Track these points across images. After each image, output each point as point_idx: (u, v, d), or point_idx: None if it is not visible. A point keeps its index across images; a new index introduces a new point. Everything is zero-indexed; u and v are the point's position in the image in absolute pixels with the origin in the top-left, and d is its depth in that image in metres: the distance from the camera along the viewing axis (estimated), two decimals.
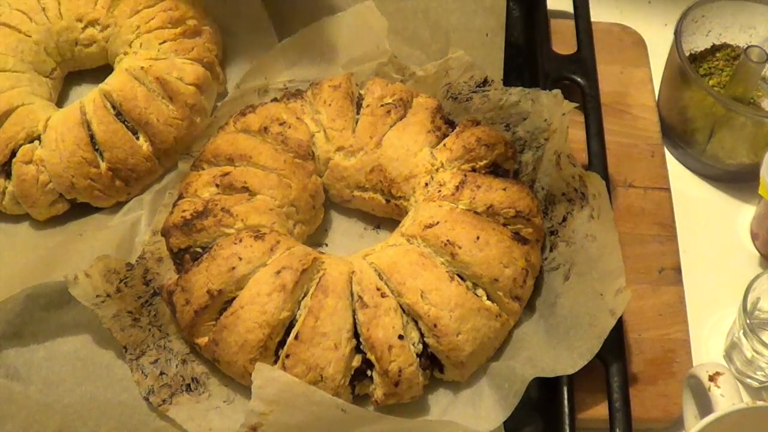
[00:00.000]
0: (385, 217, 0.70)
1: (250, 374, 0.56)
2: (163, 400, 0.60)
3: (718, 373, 0.53)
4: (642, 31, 0.83)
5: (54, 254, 0.69)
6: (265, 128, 0.68)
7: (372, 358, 0.58)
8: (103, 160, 0.70)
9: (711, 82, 0.74)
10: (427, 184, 0.66)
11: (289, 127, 0.68)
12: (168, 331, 0.63)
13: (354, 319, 0.59)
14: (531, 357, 0.60)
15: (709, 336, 0.66)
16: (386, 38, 0.74)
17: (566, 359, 0.57)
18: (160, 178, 0.73)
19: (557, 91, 0.67)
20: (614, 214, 0.60)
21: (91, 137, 0.70)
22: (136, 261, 0.66)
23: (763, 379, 0.63)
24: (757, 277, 0.61)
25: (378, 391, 0.59)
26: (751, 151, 0.70)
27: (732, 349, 0.64)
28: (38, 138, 0.71)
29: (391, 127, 0.68)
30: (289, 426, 0.55)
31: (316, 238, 0.70)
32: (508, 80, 0.74)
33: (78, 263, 0.64)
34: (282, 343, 0.59)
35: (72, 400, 0.61)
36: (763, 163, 0.64)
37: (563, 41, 0.77)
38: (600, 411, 0.59)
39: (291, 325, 0.59)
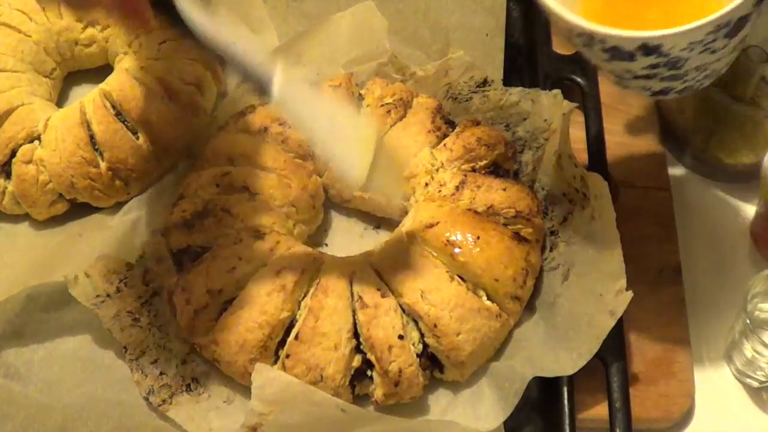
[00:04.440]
0: (385, 217, 0.70)
1: (250, 374, 0.56)
2: (163, 400, 0.60)
3: None
4: None
5: (54, 254, 0.69)
6: (265, 128, 0.68)
7: (372, 358, 0.58)
8: (103, 160, 0.70)
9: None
10: (427, 184, 0.66)
11: (289, 127, 0.68)
12: (168, 331, 0.63)
13: (354, 319, 0.59)
14: (531, 357, 0.60)
15: (709, 336, 0.66)
16: (386, 38, 0.74)
17: (566, 359, 0.57)
18: (160, 178, 0.73)
19: (557, 91, 0.67)
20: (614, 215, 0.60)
21: (91, 137, 0.70)
22: (136, 261, 0.66)
23: (763, 379, 0.63)
24: (757, 277, 0.61)
25: (378, 391, 0.59)
26: (751, 151, 0.70)
27: (732, 349, 0.64)
28: (38, 138, 0.71)
29: (391, 127, 0.68)
30: (289, 426, 0.55)
31: (316, 238, 0.70)
32: (508, 80, 0.74)
33: (78, 263, 0.64)
34: (282, 343, 0.59)
35: (72, 400, 0.61)
36: (763, 163, 0.64)
37: (563, 41, 0.77)
38: (600, 411, 0.59)
39: (291, 325, 0.60)
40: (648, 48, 0.50)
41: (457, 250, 0.60)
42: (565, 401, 0.58)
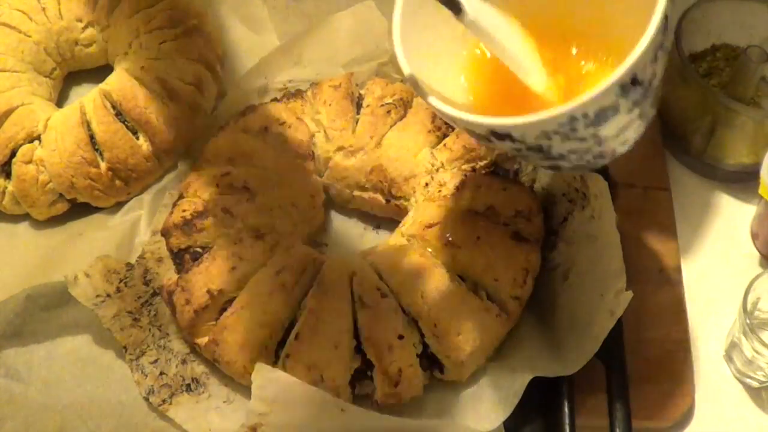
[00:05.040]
0: (385, 217, 0.70)
1: (250, 374, 0.56)
2: (163, 400, 0.60)
3: None
4: None
5: (54, 254, 0.69)
6: (265, 128, 0.68)
7: (372, 358, 0.58)
8: (103, 160, 0.70)
9: (711, 82, 0.74)
10: (427, 184, 0.66)
11: (289, 127, 0.68)
12: (168, 331, 0.63)
13: (354, 319, 0.59)
14: (531, 357, 0.60)
15: (709, 336, 0.66)
16: (386, 38, 0.74)
17: (566, 359, 0.57)
18: (160, 178, 0.73)
19: None
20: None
21: (91, 137, 0.70)
22: (136, 261, 0.66)
23: (763, 379, 0.63)
24: (757, 277, 0.61)
25: (378, 391, 0.59)
26: (751, 151, 0.70)
27: (732, 349, 0.64)
28: (38, 138, 0.71)
29: (391, 127, 0.68)
30: (289, 426, 0.55)
31: (316, 238, 0.70)
32: None
33: (78, 263, 0.64)
34: (282, 343, 0.59)
35: (72, 400, 0.61)
36: (763, 163, 0.64)
37: None
38: (600, 411, 0.59)
39: (291, 325, 0.59)
40: (498, 134, 0.45)
41: (457, 250, 0.60)
42: (565, 401, 0.58)
